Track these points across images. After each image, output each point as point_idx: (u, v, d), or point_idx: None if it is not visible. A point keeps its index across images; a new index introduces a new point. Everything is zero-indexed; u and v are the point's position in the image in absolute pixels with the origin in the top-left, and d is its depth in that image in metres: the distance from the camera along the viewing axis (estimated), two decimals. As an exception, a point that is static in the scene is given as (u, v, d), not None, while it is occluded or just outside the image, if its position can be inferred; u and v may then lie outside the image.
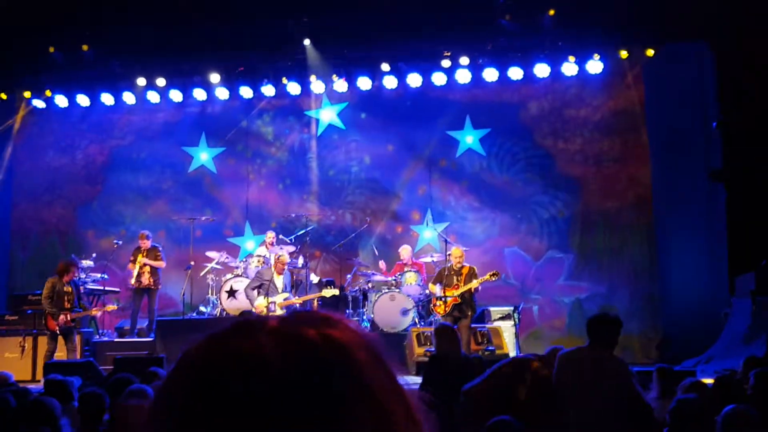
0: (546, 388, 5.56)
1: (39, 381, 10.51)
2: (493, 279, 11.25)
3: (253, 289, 11.11)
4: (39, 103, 15.09)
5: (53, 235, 15.46)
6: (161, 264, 13.03)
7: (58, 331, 11.16)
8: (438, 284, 11.38)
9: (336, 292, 11.72)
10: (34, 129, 15.64)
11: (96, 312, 11.60)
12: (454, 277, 11.20)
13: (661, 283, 13.54)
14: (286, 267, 11.41)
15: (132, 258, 13.06)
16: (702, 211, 13.42)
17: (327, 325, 0.89)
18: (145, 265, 12.82)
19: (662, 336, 13.25)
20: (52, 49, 13.96)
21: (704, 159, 13.39)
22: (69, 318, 11.16)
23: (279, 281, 11.13)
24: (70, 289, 11.28)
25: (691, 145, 13.52)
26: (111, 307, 12.01)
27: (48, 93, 14.87)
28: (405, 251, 13.15)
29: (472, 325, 11.41)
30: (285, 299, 11.07)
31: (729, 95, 12.68)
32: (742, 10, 12.09)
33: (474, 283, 11.03)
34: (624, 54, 13.51)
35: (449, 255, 11.45)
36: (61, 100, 14.95)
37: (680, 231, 13.46)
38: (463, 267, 11.30)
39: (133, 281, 12.96)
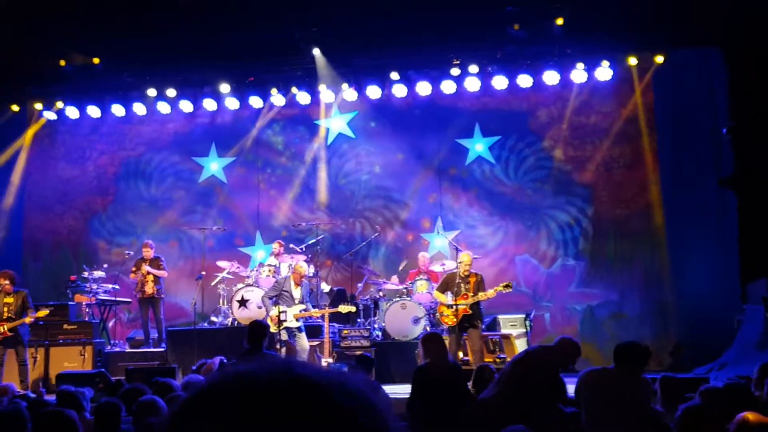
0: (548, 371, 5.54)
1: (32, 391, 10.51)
2: (506, 291, 10.77)
3: (270, 298, 11.09)
4: (50, 115, 15.18)
5: (65, 246, 15.52)
6: (163, 273, 13.11)
7: None
8: (446, 292, 10.91)
9: (353, 309, 11.64)
10: (45, 140, 15.74)
11: (29, 320, 11.12)
12: (462, 286, 10.71)
13: (672, 290, 13.47)
14: (304, 278, 11.37)
15: (134, 268, 13.12)
16: (713, 218, 13.35)
17: None
18: (148, 273, 12.88)
19: (674, 343, 13.18)
20: (63, 63, 14.04)
21: (715, 165, 13.34)
22: (5, 329, 10.98)
23: (297, 292, 11.08)
24: (11, 299, 11.11)
25: (701, 151, 13.47)
26: (42, 313, 11.40)
27: (59, 105, 14.96)
28: (423, 258, 13.19)
29: (483, 333, 11.34)
30: (301, 311, 11.04)
31: (739, 101, 12.63)
32: (752, 15, 12.05)
33: (484, 295, 10.58)
34: (633, 61, 13.47)
35: (460, 262, 11.07)
36: (72, 112, 15.02)
37: (691, 237, 13.39)
38: (470, 275, 10.80)
39: (136, 290, 13.05)
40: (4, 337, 11.02)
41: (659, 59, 13.39)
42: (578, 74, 13.52)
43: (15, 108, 15.03)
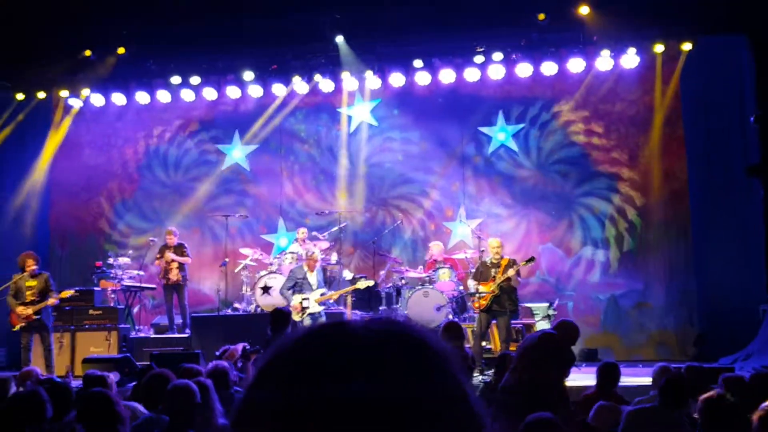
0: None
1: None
2: (529, 265, 11.11)
3: (288, 289, 11.16)
4: (76, 102, 15.26)
5: (90, 232, 15.65)
6: (187, 260, 13.21)
7: (19, 327, 10.98)
8: (475, 280, 11.08)
9: (370, 283, 11.74)
10: (71, 127, 15.84)
11: (52, 302, 11.04)
12: (492, 270, 10.88)
13: (697, 279, 13.36)
14: (318, 263, 11.44)
15: (158, 255, 13.23)
16: (739, 207, 13.21)
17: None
18: (172, 260, 12.97)
19: (699, 332, 13.08)
20: (88, 53, 14.10)
21: (741, 154, 13.18)
22: (30, 311, 10.93)
23: (312, 278, 11.17)
24: (34, 282, 11.02)
25: (728, 139, 13.32)
26: (66, 293, 11.30)
27: (85, 92, 15.03)
28: (436, 247, 13.15)
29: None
30: (321, 294, 11.14)
31: (767, 89, 12.45)
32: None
33: (512, 271, 10.68)
34: (660, 48, 13.30)
35: (487, 247, 11.24)
36: (98, 99, 15.11)
37: (717, 226, 13.26)
38: (502, 259, 10.97)
39: (160, 277, 13.15)
40: (28, 321, 11.05)
41: (686, 47, 13.21)
42: (604, 61, 13.37)
43: (41, 95, 15.12)
